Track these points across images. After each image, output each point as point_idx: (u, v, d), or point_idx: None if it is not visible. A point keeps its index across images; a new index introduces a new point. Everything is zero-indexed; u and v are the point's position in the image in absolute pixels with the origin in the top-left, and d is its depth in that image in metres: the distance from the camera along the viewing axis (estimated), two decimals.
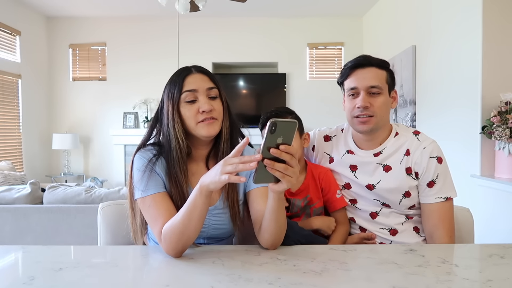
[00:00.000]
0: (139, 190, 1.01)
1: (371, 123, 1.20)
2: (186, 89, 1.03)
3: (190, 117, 1.03)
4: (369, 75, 1.20)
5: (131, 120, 5.31)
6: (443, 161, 1.22)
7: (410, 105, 3.68)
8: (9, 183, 3.44)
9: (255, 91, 5.37)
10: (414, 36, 3.64)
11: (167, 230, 0.93)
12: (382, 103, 1.20)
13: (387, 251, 1.00)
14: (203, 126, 1.03)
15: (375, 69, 1.21)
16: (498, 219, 2.38)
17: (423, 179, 1.21)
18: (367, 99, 1.19)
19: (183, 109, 1.03)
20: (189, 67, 1.08)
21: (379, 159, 1.26)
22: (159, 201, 1.00)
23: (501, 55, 2.50)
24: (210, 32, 5.31)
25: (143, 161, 1.04)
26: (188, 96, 1.03)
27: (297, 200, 1.25)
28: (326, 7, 4.90)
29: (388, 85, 1.23)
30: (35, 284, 0.77)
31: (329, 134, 1.39)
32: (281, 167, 0.80)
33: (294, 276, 0.81)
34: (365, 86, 1.19)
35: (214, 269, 0.86)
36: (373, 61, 1.22)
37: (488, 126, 2.38)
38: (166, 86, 1.08)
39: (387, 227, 1.26)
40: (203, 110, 1.02)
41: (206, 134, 1.03)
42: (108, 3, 4.77)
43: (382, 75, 1.22)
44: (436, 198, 1.20)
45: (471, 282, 0.80)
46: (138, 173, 1.02)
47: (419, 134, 1.26)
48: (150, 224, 1.00)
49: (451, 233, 1.20)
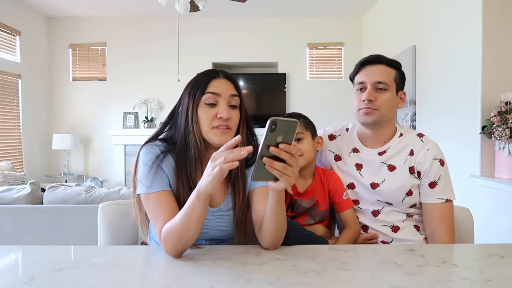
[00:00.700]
0: (143, 185, 1.01)
1: (374, 115, 1.23)
2: (209, 90, 1.02)
3: (207, 120, 1.02)
4: (377, 71, 1.24)
5: (131, 120, 5.31)
6: (445, 164, 1.26)
7: (410, 105, 3.68)
8: (9, 183, 3.44)
9: (255, 91, 5.37)
10: (414, 36, 3.64)
11: (166, 232, 0.93)
12: (388, 99, 1.23)
13: (387, 251, 1.00)
14: (217, 133, 1.02)
15: (384, 66, 1.25)
16: (498, 219, 2.38)
17: (425, 179, 1.24)
18: (373, 93, 1.23)
19: (201, 110, 1.02)
20: (217, 70, 1.07)
21: (383, 158, 1.28)
22: (162, 200, 1.00)
23: (501, 55, 2.50)
24: (210, 32, 5.31)
25: (150, 156, 1.02)
26: (209, 98, 1.02)
27: (303, 201, 1.26)
28: (326, 7, 4.90)
29: (396, 83, 1.26)
30: (35, 284, 0.77)
31: (334, 133, 1.41)
32: (280, 166, 0.79)
33: (294, 276, 0.81)
34: (372, 81, 1.23)
35: (214, 269, 0.86)
36: (383, 59, 1.26)
37: (488, 126, 2.38)
38: (188, 84, 1.07)
39: (389, 224, 1.28)
40: (221, 116, 1.00)
41: (217, 142, 1.01)
42: (108, 3, 4.77)
43: (391, 72, 1.25)
44: (437, 199, 1.23)
45: (471, 282, 0.80)
46: (145, 168, 1.01)
47: (423, 136, 1.29)
48: (152, 222, 1.00)
49: (451, 233, 1.22)
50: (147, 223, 1.12)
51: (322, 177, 1.30)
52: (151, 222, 1.01)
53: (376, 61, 1.25)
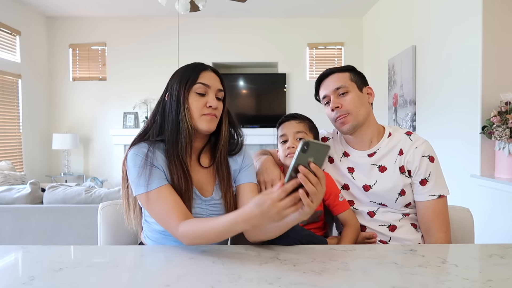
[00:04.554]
0: (140, 186, 1.02)
1: (349, 121, 1.26)
2: (200, 81, 1.08)
3: (197, 108, 1.07)
4: (332, 80, 1.30)
5: (131, 120, 5.31)
6: (435, 160, 1.26)
7: (410, 105, 3.68)
8: (9, 183, 3.44)
9: (255, 91, 5.36)
10: (414, 36, 3.64)
11: (190, 233, 0.95)
12: (351, 99, 1.27)
13: (387, 251, 1.00)
14: (206, 119, 1.08)
15: (336, 74, 1.31)
16: (498, 219, 2.38)
17: (416, 177, 1.25)
18: (337, 100, 1.27)
19: (191, 98, 1.08)
20: (205, 64, 1.13)
21: (373, 160, 1.29)
22: (166, 193, 1.01)
23: (501, 55, 2.50)
24: (210, 32, 5.31)
25: (139, 157, 1.04)
26: (200, 88, 1.08)
27: None
28: (326, 7, 4.90)
29: (354, 82, 1.29)
30: (35, 284, 0.77)
31: (327, 136, 1.44)
32: (311, 189, 0.79)
33: (294, 276, 0.81)
34: (331, 90, 1.28)
35: (214, 269, 0.86)
36: (334, 69, 1.32)
37: (488, 126, 2.38)
38: (176, 74, 1.12)
39: (386, 224, 1.28)
40: (210, 105, 1.07)
41: (206, 128, 1.08)
42: (108, 3, 4.77)
43: (345, 76, 1.30)
44: (430, 196, 1.24)
45: (471, 282, 0.80)
46: (137, 170, 1.03)
47: (411, 134, 1.30)
48: (162, 217, 1.00)
49: (446, 229, 1.23)
50: (141, 222, 1.15)
51: None
52: (159, 218, 1.01)
53: (329, 73, 1.32)
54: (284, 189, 0.79)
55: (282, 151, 1.29)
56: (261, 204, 0.81)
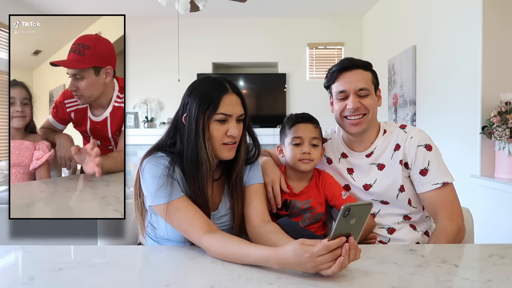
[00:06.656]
0: (159, 197, 1.00)
1: (363, 124, 1.23)
2: (222, 111, 1.03)
3: (217, 137, 1.04)
4: (356, 77, 1.23)
5: (131, 120, 5.31)
6: (432, 148, 1.23)
7: (410, 105, 3.68)
8: None
9: (255, 91, 5.36)
10: (414, 36, 3.64)
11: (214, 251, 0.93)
12: (372, 103, 1.24)
13: (387, 251, 1.00)
14: (226, 149, 1.06)
15: (361, 71, 1.24)
16: (498, 219, 2.37)
17: (414, 168, 1.22)
18: (357, 101, 1.22)
19: (211, 127, 1.04)
20: (226, 85, 1.06)
21: (371, 159, 1.28)
22: (185, 203, 1.01)
23: (501, 55, 2.50)
24: (210, 32, 5.31)
25: (159, 168, 1.02)
26: (221, 117, 1.03)
27: (298, 202, 1.26)
28: (326, 7, 4.90)
29: (374, 85, 1.27)
30: (35, 284, 0.77)
31: (325, 136, 1.42)
32: (353, 254, 0.80)
33: (294, 276, 0.81)
34: (354, 89, 1.22)
35: (214, 269, 0.86)
36: (358, 63, 1.25)
37: (488, 126, 2.38)
38: (194, 94, 1.05)
39: (385, 226, 1.28)
40: (231, 134, 1.04)
41: (226, 157, 1.07)
42: (108, 3, 4.77)
43: (368, 76, 1.25)
44: (433, 185, 1.20)
45: (471, 282, 0.80)
46: (157, 181, 1.01)
47: (405, 127, 1.28)
48: (183, 228, 1.00)
49: (454, 216, 1.18)
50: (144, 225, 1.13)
51: (318, 181, 1.30)
52: (181, 228, 1.00)
53: (352, 66, 1.24)
54: (326, 247, 0.78)
55: (293, 153, 1.24)
56: (299, 255, 0.79)
